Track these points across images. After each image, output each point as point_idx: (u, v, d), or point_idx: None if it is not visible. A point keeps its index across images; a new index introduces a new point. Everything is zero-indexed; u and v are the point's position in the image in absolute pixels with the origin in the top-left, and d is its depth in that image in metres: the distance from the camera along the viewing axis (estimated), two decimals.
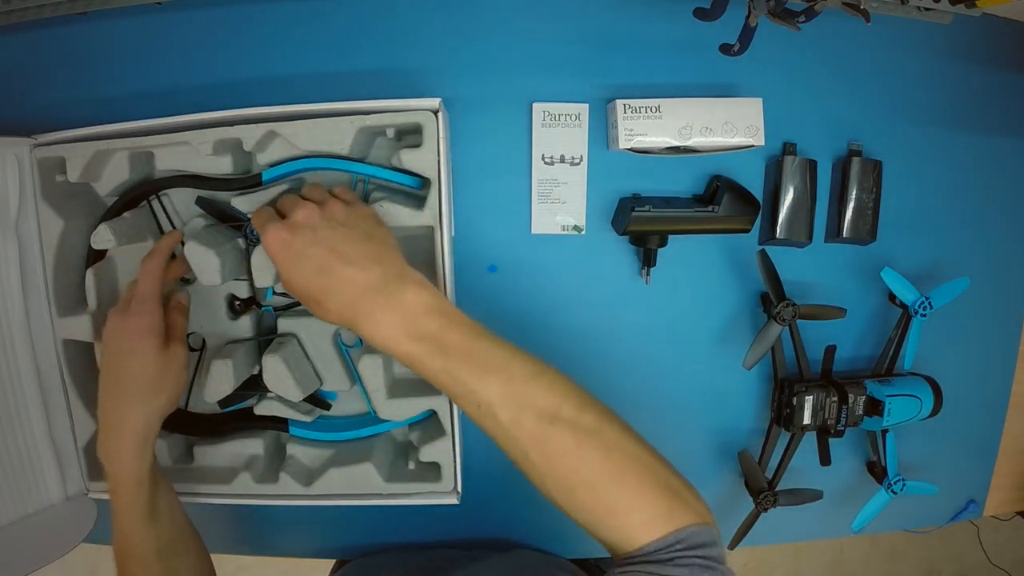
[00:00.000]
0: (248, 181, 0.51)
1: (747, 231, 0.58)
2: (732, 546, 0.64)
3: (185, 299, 0.52)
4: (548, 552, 0.64)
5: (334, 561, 0.72)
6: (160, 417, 0.47)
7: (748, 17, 0.46)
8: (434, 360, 0.39)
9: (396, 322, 0.39)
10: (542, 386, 0.38)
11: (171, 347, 0.47)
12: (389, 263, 0.41)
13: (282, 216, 0.43)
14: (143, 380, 0.46)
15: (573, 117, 0.57)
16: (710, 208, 0.57)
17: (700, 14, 0.50)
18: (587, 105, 0.57)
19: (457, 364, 0.39)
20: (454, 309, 0.41)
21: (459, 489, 0.52)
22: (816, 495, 0.63)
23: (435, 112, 0.48)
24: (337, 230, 0.41)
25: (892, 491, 0.63)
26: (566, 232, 0.59)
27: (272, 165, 0.50)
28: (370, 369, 0.51)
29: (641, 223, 0.56)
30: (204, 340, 0.55)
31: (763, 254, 0.57)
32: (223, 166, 0.50)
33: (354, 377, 0.54)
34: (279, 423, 0.54)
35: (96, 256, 0.52)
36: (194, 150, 0.49)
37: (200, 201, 0.52)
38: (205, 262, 0.47)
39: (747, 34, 0.48)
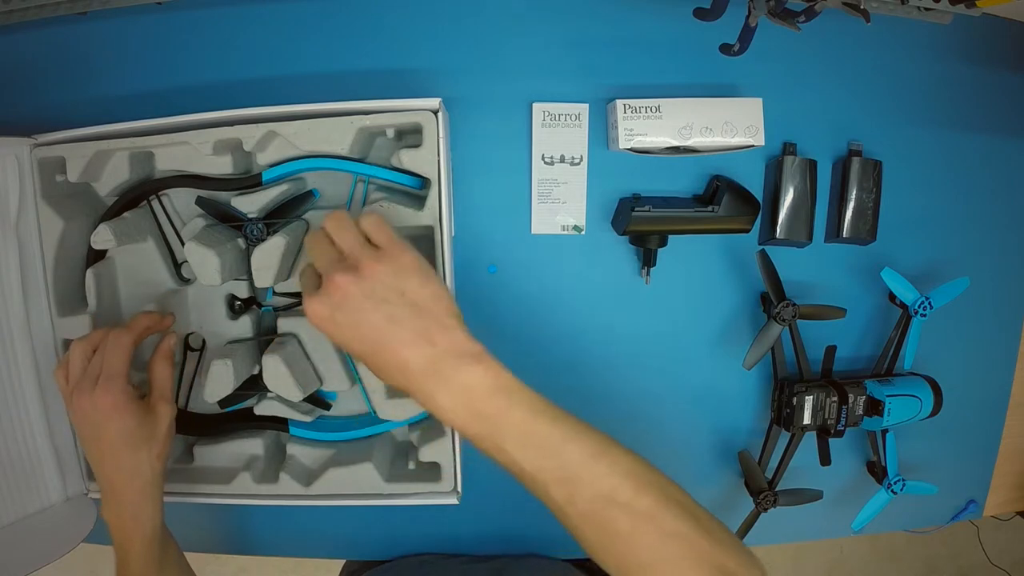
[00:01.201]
0: (248, 181, 0.51)
1: (747, 231, 0.58)
2: None
3: (172, 344, 0.50)
4: (558, 559, 0.64)
5: (335, 561, 0.72)
6: (161, 472, 0.47)
7: (748, 17, 0.46)
8: (492, 440, 0.38)
9: (455, 404, 0.38)
10: (599, 469, 0.37)
11: (156, 409, 0.47)
12: (441, 339, 0.38)
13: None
14: (131, 453, 0.45)
15: (573, 117, 0.57)
16: (710, 208, 0.57)
17: (700, 14, 0.50)
18: (587, 105, 0.57)
19: (514, 446, 0.37)
20: (514, 382, 0.39)
21: (459, 489, 0.52)
22: (816, 495, 0.63)
23: (435, 112, 0.48)
24: (380, 308, 0.38)
25: (892, 491, 0.63)
26: (566, 232, 0.59)
27: (272, 165, 0.50)
28: None
29: (641, 223, 0.56)
30: (204, 340, 0.55)
31: (763, 254, 0.57)
32: (223, 166, 0.50)
33: (354, 377, 0.54)
34: (279, 423, 0.54)
35: (96, 256, 0.52)
36: (194, 150, 0.49)
37: (200, 201, 0.52)
38: (205, 262, 0.47)
39: (747, 34, 0.48)
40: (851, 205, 0.60)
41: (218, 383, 0.50)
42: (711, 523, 0.38)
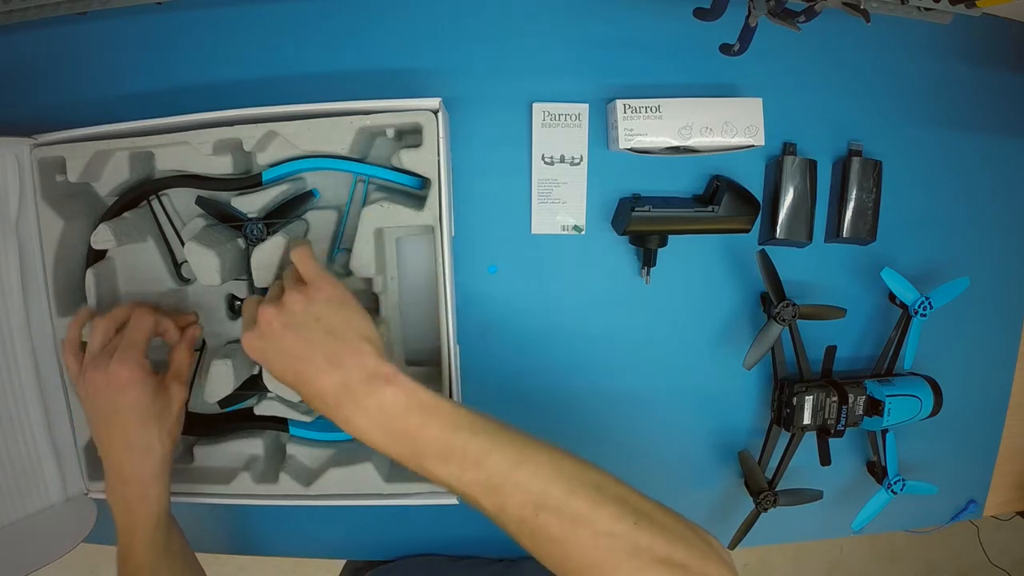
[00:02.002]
0: (248, 181, 0.51)
1: (747, 231, 0.58)
2: (732, 546, 0.64)
3: (197, 334, 0.51)
4: None
5: (335, 561, 0.72)
6: (171, 452, 0.47)
7: (748, 17, 0.46)
8: (414, 459, 0.38)
9: (372, 426, 0.38)
10: (524, 476, 0.36)
11: (169, 387, 0.47)
12: (352, 364, 0.38)
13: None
14: (142, 428, 0.44)
15: (573, 117, 0.57)
16: (710, 208, 0.57)
17: (700, 14, 0.50)
18: (587, 105, 0.57)
19: (435, 462, 0.37)
20: (430, 399, 0.38)
21: None
22: (816, 495, 0.63)
23: (435, 112, 0.48)
24: (299, 335, 0.39)
25: (892, 491, 0.63)
26: (566, 232, 0.59)
27: (272, 165, 0.50)
28: None
29: (641, 223, 0.56)
30: (204, 340, 0.55)
31: (763, 254, 0.57)
32: (223, 166, 0.50)
33: None
34: (279, 423, 0.54)
35: (96, 256, 0.52)
36: (194, 150, 0.49)
37: (200, 201, 0.52)
38: (205, 262, 0.47)
39: (747, 34, 0.48)
40: (851, 205, 0.60)
41: (218, 383, 0.50)
42: (655, 514, 0.36)
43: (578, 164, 0.58)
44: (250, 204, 0.50)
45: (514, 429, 0.39)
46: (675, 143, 0.55)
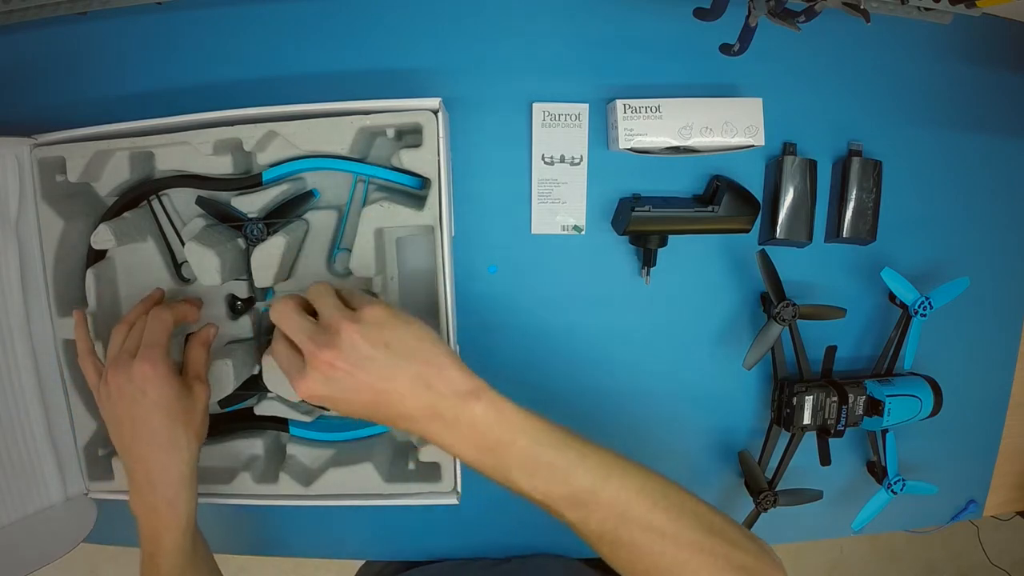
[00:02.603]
0: (248, 181, 0.51)
1: (747, 231, 0.58)
2: None
3: (213, 332, 0.49)
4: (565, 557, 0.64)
5: (335, 561, 0.72)
6: (198, 454, 0.46)
7: (748, 17, 0.46)
8: (501, 472, 0.39)
9: (460, 442, 0.39)
10: (609, 489, 0.38)
11: (192, 388, 0.46)
12: (440, 384, 0.38)
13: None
14: (170, 426, 0.43)
15: (573, 117, 0.57)
16: (710, 208, 0.57)
17: (700, 14, 0.50)
18: (587, 105, 0.57)
19: (522, 475, 0.38)
20: (516, 414, 0.39)
21: (459, 489, 0.52)
22: (816, 495, 0.63)
23: (435, 112, 0.48)
24: (371, 369, 0.37)
25: (892, 491, 0.63)
26: (566, 232, 0.59)
27: (272, 165, 0.50)
28: None
29: (641, 223, 0.56)
30: None
31: (763, 254, 0.57)
32: (223, 166, 0.50)
33: None
34: (279, 423, 0.54)
35: (96, 256, 0.52)
36: (194, 150, 0.49)
37: (200, 201, 0.52)
38: (205, 262, 0.47)
39: (747, 34, 0.48)
40: (851, 205, 0.60)
41: (218, 383, 0.50)
42: (726, 525, 0.39)
43: (578, 164, 0.58)
44: (250, 204, 0.50)
45: (597, 445, 0.40)
46: (675, 143, 0.55)
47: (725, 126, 0.55)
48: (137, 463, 0.44)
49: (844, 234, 0.60)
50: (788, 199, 0.59)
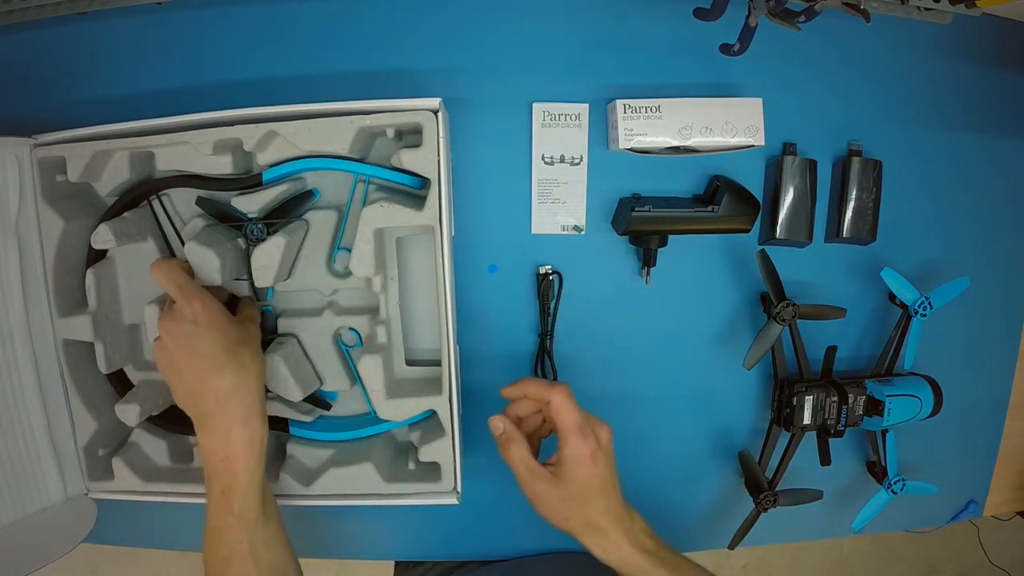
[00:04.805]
0: (248, 181, 0.51)
1: (747, 231, 0.58)
2: (732, 546, 0.64)
3: (256, 313, 0.51)
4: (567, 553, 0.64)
5: (335, 561, 0.72)
6: (263, 371, 0.46)
7: (748, 17, 0.46)
8: (659, 570, 0.44)
9: (624, 542, 0.44)
10: None
11: (244, 323, 0.48)
12: (608, 500, 0.44)
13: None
14: (230, 347, 0.43)
15: (573, 117, 0.57)
16: (710, 208, 0.57)
17: (700, 14, 0.50)
18: (587, 105, 0.57)
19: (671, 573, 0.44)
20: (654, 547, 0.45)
21: (459, 489, 0.52)
22: (816, 495, 0.63)
23: (435, 112, 0.48)
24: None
25: (892, 491, 0.63)
26: (566, 232, 0.59)
27: (272, 165, 0.50)
28: (370, 369, 0.51)
29: (641, 223, 0.56)
30: None
31: (763, 254, 0.57)
32: (223, 166, 0.50)
33: (354, 377, 0.54)
34: (279, 423, 0.54)
35: (96, 256, 0.52)
36: (194, 150, 0.49)
37: (200, 201, 0.52)
38: (205, 262, 0.47)
39: (747, 34, 0.48)
40: (851, 205, 0.60)
41: None
42: None
43: (578, 164, 0.58)
44: (250, 204, 0.50)
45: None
46: (675, 143, 0.55)
47: (725, 126, 0.55)
48: (205, 392, 0.43)
49: (844, 234, 0.60)
50: (788, 199, 0.59)
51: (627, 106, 0.54)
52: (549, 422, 0.46)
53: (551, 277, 0.59)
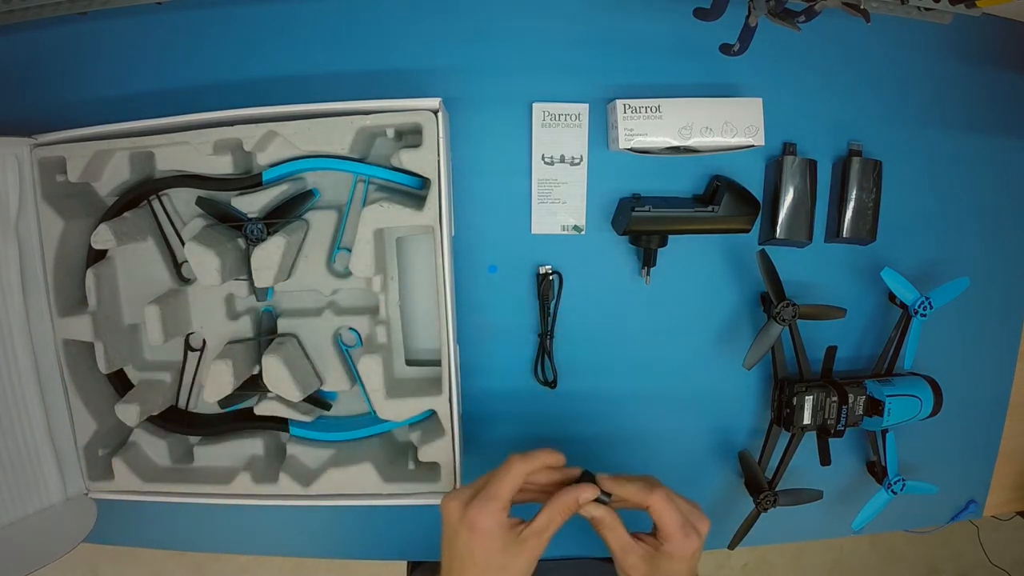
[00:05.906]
0: (248, 181, 0.51)
1: (747, 231, 0.58)
2: (732, 546, 0.64)
3: (584, 499, 0.44)
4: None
5: (335, 561, 0.72)
6: None
7: (748, 17, 0.46)
8: None
9: None
10: None
11: (526, 541, 0.43)
12: None
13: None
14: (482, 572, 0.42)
15: (573, 117, 0.57)
16: (710, 208, 0.57)
17: (700, 14, 0.50)
18: (587, 105, 0.57)
19: None
20: None
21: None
22: (816, 495, 0.63)
23: (435, 112, 0.48)
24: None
25: (892, 491, 0.63)
26: (566, 232, 0.59)
27: (272, 165, 0.50)
28: (370, 369, 0.51)
29: (641, 223, 0.56)
30: (204, 340, 0.55)
31: (763, 254, 0.57)
32: (223, 166, 0.50)
33: (354, 377, 0.54)
34: (279, 423, 0.54)
35: (96, 256, 0.52)
36: (194, 150, 0.49)
37: (200, 201, 0.52)
38: (205, 262, 0.48)
39: (747, 34, 0.48)
40: (851, 205, 0.60)
41: (218, 383, 0.50)
42: None
43: (578, 164, 0.58)
44: (250, 204, 0.50)
45: None
46: (675, 143, 0.55)
47: (725, 126, 0.55)
48: None
49: (844, 234, 0.60)
50: (788, 199, 0.59)
51: (627, 106, 0.54)
52: (649, 515, 0.45)
53: (551, 277, 0.59)
